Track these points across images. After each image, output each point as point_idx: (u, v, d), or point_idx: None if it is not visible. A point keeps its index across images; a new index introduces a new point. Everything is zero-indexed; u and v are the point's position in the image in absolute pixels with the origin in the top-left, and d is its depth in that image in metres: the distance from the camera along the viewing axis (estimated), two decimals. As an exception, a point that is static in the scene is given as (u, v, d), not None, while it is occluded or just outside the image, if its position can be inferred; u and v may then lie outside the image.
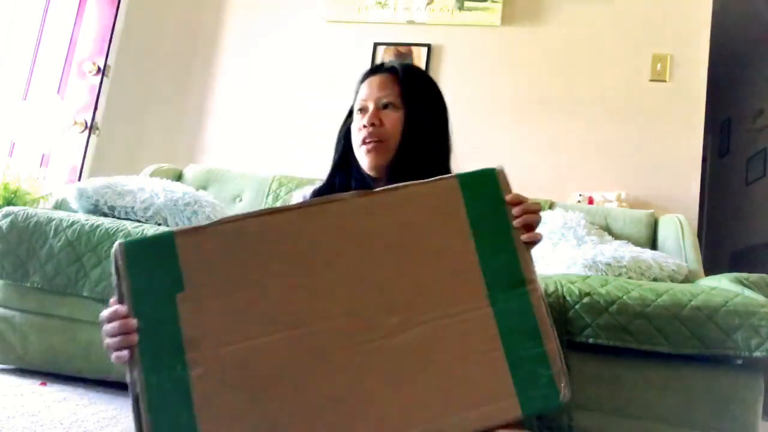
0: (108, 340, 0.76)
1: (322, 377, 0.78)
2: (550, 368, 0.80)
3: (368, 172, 1.15)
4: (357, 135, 1.15)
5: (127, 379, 0.75)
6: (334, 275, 0.82)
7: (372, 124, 1.12)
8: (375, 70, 1.21)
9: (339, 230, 0.84)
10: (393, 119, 1.13)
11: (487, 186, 0.89)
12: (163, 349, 0.76)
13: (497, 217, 0.87)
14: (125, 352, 0.75)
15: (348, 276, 0.82)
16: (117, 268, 0.78)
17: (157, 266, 0.79)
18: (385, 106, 1.14)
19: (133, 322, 0.75)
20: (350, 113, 1.23)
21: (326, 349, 0.79)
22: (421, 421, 0.78)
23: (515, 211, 0.86)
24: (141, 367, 0.75)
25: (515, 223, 0.85)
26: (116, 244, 0.79)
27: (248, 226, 0.82)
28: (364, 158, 1.14)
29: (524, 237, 0.85)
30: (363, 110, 1.16)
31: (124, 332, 0.75)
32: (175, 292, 0.78)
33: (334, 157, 1.23)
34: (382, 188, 0.88)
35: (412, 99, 1.15)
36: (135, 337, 0.75)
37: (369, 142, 1.12)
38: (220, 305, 0.79)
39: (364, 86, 1.18)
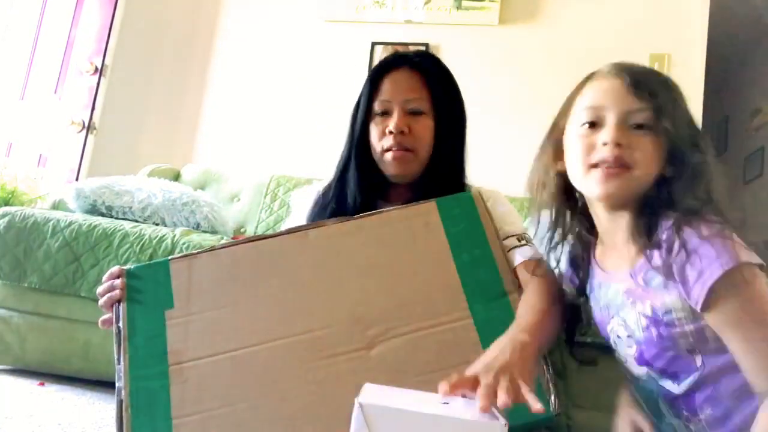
0: (101, 301, 0.90)
1: (295, 388, 0.80)
2: (538, 378, 0.78)
3: (391, 179, 1.09)
4: (379, 139, 1.07)
5: (116, 385, 0.82)
6: (314, 293, 0.86)
7: (400, 132, 1.04)
8: (397, 62, 1.09)
9: (320, 252, 0.89)
10: (423, 127, 1.06)
11: (463, 207, 0.92)
12: (150, 359, 0.83)
13: (475, 236, 0.90)
14: (117, 292, 0.88)
15: (328, 293, 0.86)
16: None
17: (152, 287, 0.88)
18: (413, 112, 1.06)
19: (119, 281, 0.89)
20: (358, 101, 1.13)
21: (300, 361, 0.82)
22: None
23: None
24: (128, 374, 0.82)
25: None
26: (121, 269, 0.92)
27: (236, 252, 0.90)
28: (388, 165, 1.07)
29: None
30: (386, 113, 1.07)
31: (111, 288, 0.89)
32: (165, 309, 0.86)
33: (344, 154, 1.14)
34: (360, 214, 0.92)
35: (442, 105, 1.08)
36: (118, 293, 0.88)
37: (396, 150, 1.05)
38: (204, 321, 0.85)
39: (387, 83, 1.07)
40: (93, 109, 2.76)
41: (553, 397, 0.78)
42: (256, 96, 2.96)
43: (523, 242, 0.99)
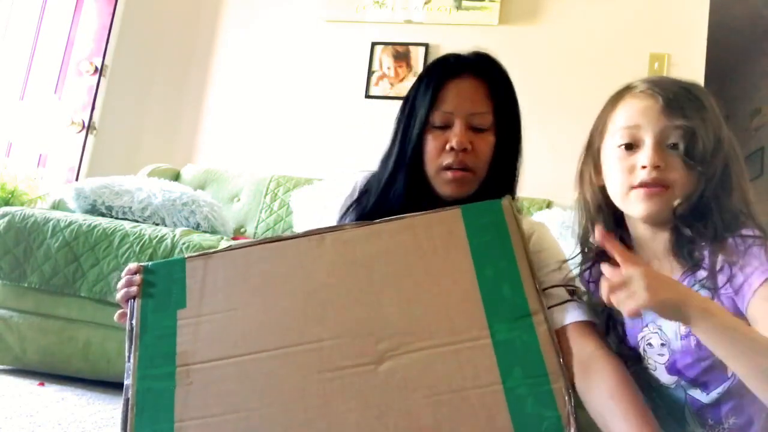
0: (118, 295, 0.90)
1: (298, 401, 0.78)
2: (557, 409, 0.73)
3: (443, 197, 0.99)
4: (437, 155, 0.97)
5: (125, 383, 0.82)
6: (327, 300, 0.83)
7: (463, 149, 0.94)
8: (459, 69, 0.99)
9: (336, 257, 0.85)
10: (485, 144, 0.97)
11: (490, 216, 0.86)
12: (158, 359, 0.82)
13: (501, 248, 0.83)
14: (134, 288, 0.88)
15: (341, 301, 0.83)
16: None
17: (167, 284, 0.87)
18: (476, 128, 0.97)
19: (137, 277, 0.89)
20: (412, 107, 1.01)
21: (306, 372, 0.79)
22: None
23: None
24: (136, 373, 0.81)
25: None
26: (139, 265, 0.91)
27: (251, 252, 0.88)
28: (444, 185, 0.97)
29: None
30: (446, 126, 0.97)
31: (129, 284, 0.89)
32: (178, 308, 0.84)
33: (393, 163, 1.02)
34: (382, 219, 0.87)
35: (505, 120, 0.99)
36: (135, 289, 0.88)
37: (456, 170, 0.95)
38: (214, 323, 0.84)
39: (449, 93, 0.97)
40: (93, 109, 2.76)
41: (573, 430, 0.74)
42: (256, 96, 2.96)
43: (575, 297, 0.90)
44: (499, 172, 1.00)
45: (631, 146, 0.83)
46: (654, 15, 2.58)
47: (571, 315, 0.87)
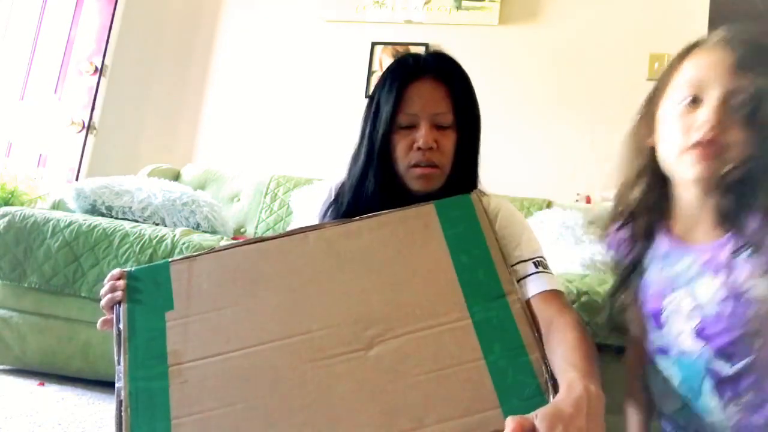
0: (103, 301, 0.90)
1: (294, 388, 0.80)
2: (536, 377, 0.80)
3: (413, 192, 1.04)
4: (405, 153, 1.03)
5: (116, 386, 0.83)
6: (313, 294, 0.87)
7: (429, 148, 1.01)
8: (420, 71, 1.05)
9: (319, 254, 0.90)
10: (448, 141, 1.03)
11: (462, 209, 0.93)
12: (149, 360, 0.83)
13: (473, 237, 0.91)
14: (119, 293, 0.89)
15: (327, 295, 0.87)
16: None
17: (153, 288, 0.89)
18: (439, 126, 1.03)
19: (121, 282, 0.90)
20: (377, 108, 1.07)
21: (299, 362, 0.82)
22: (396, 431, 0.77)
23: None
24: (127, 375, 0.82)
25: None
26: (122, 270, 0.93)
27: (236, 253, 0.91)
28: (414, 181, 1.03)
29: None
30: (412, 126, 1.03)
31: (113, 290, 0.90)
32: (165, 310, 0.87)
33: (362, 162, 1.08)
34: (359, 216, 0.93)
35: (465, 118, 1.06)
36: (120, 294, 0.89)
37: (424, 167, 1.01)
38: (203, 322, 0.86)
39: (412, 95, 1.03)
40: (93, 109, 2.76)
41: (551, 397, 0.77)
42: (256, 96, 2.96)
43: (540, 269, 0.96)
44: (462, 166, 1.07)
45: (693, 102, 0.77)
46: (654, 15, 2.58)
47: (534, 287, 0.92)
